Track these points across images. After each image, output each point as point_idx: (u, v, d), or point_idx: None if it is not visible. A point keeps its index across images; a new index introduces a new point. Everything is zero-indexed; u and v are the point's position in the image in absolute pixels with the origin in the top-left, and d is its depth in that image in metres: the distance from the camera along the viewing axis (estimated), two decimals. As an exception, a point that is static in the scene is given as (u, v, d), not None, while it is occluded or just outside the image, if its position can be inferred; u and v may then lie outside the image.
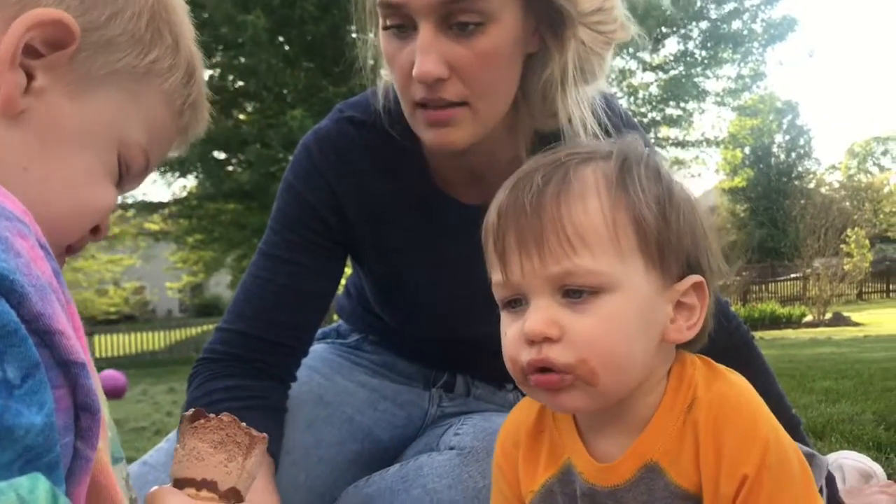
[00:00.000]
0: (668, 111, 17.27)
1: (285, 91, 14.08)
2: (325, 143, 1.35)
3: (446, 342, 1.46)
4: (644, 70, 17.65)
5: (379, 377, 1.52)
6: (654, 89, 17.36)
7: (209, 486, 0.67)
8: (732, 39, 17.36)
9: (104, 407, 0.62)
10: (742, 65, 18.10)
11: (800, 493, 0.81)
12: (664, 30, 16.92)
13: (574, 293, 0.82)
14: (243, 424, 0.69)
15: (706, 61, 17.63)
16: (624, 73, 16.70)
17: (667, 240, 0.84)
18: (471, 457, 1.23)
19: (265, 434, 0.71)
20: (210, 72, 15.37)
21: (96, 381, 0.58)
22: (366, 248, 1.38)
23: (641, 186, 0.85)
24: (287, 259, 1.32)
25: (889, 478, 1.99)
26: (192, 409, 0.70)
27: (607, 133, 1.23)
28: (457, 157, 1.25)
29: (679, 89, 17.00)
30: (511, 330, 0.86)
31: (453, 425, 1.35)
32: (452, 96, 1.11)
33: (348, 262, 1.45)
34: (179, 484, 0.68)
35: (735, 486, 0.80)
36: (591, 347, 0.81)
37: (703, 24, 17.34)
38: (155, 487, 0.68)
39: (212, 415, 0.69)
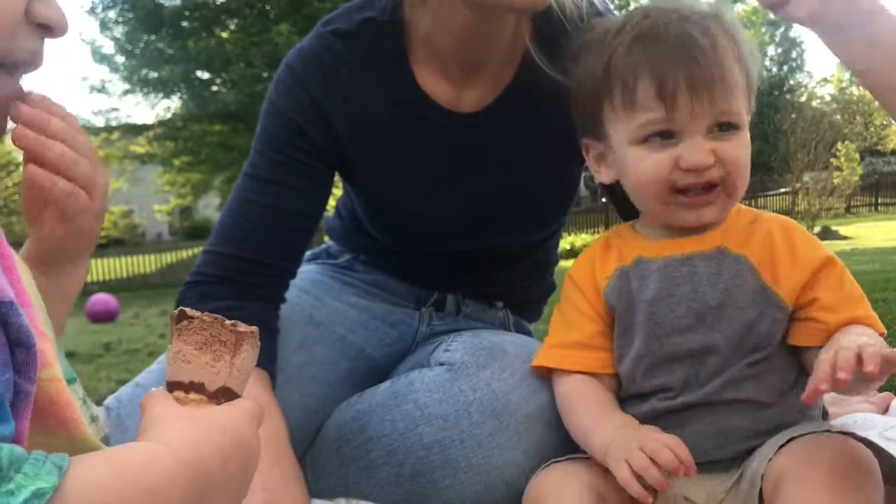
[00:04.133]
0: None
1: (268, 7, 13.75)
2: (309, 59, 1.32)
3: (439, 257, 1.47)
4: (635, -18, 17.25)
5: (370, 297, 1.53)
6: (645, 2, 16.99)
7: (197, 388, 0.67)
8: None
9: (46, 336, 0.62)
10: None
11: (853, 284, 1.08)
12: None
13: (726, 127, 1.06)
14: (228, 322, 0.68)
15: (698, -28, 17.16)
16: (614, -15, 16.34)
17: (753, 88, 1.12)
18: (461, 371, 1.25)
19: (254, 328, 0.70)
20: (190, -12, 14.99)
21: (34, 313, 0.59)
22: (356, 163, 1.37)
23: (742, 41, 1.10)
24: (272, 180, 1.31)
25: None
26: (177, 310, 0.69)
27: (597, 11, 1.30)
28: (472, 45, 1.26)
29: None
30: (659, 156, 1.06)
31: (443, 342, 1.37)
32: None
33: (338, 182, 1.45)
34: (169, 387, 0.68)
35: (807, 271, 1.06)
36: (736, 167, 1.06)
37: (696, -67, 16.83)
38: (149, 392, 0.68)
39: (196, 314, 0.68)
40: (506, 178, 1.37)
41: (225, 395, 0.68)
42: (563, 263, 1.69)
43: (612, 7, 1.40)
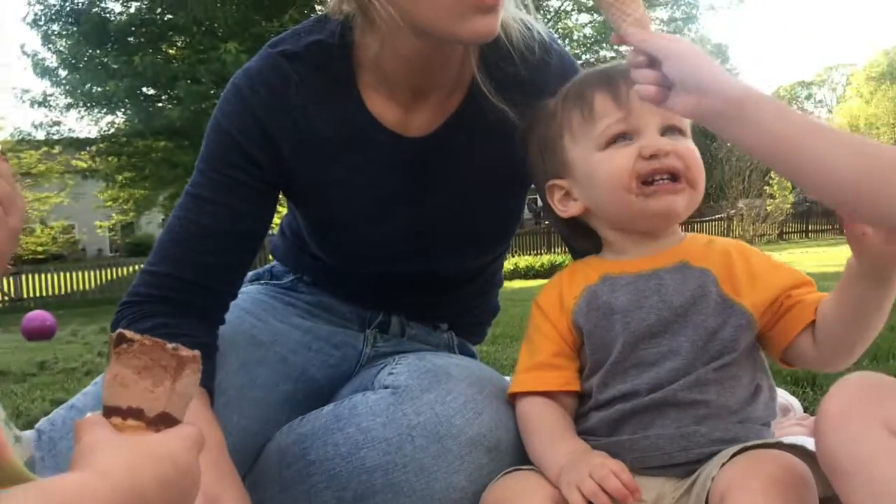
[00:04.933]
0: (602, 53, 17.30)
1: (216, 25, 13.63)
2: (256, 79, 1.32)
3: (385, 279, 1.46)
4: (579, 11, 17.60)
5: (313, 318, 1.52)
6: (588, 31, 17.34)
7: (135, 413, 0.65)
8: (667, -18, 17.38)
9: None
10: (675, 7, 18.19)
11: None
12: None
13: (675, 131, 1.18)
14: (170, 346, 0.67)
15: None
16: (559, 14, 16.64)
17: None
18: (405, 395, 1.24)
19: (196, 352, 0.68)
20: (137, 3, 14.79)
21: None
22: (302, 184, 1.36)
23: None
24: (214, 199, 1.29)
25: (805, 411, 2.09)
26: (116, 332, 0.66)
27: (544, 51, 1.33)
28: (420, 71, 1.28)
29: (612, 32, 16.95)
30: (625, 151, 1.17)
31: (388, 365, 1.36)
32: None
33: (282, 201, 1.44)
34: (106, 413, 0.65)
35: (773, 292, 1.15)
36: (692, 160, 1.17)
37: (640, -35, 17.21)
38: (84, 416, 0.65)
39: (137, 336, 0.66)
40: (452, 202, 1.38)
41: (164, 421, 0.66)
42: (508, 284, 1.70)
43: (556, 37, 1.43)
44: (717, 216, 20.58)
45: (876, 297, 1.05)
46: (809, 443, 1.54)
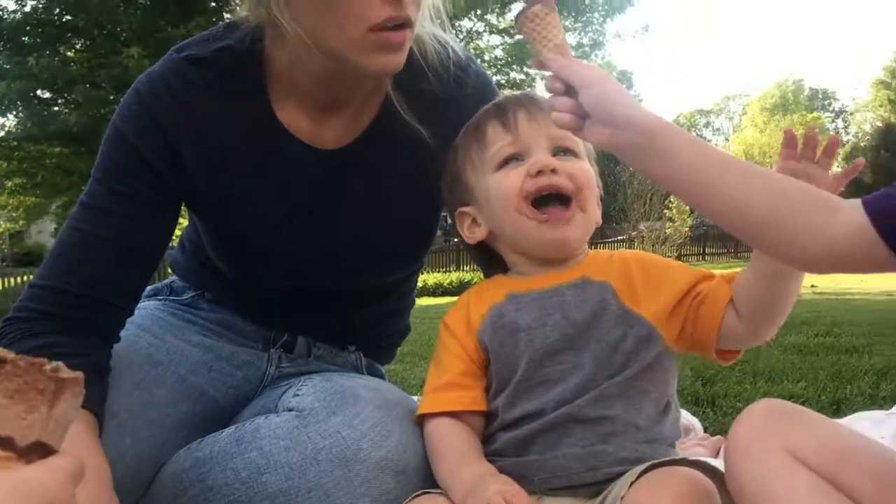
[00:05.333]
0: (513, 75, 17.60)
1: (119, 29, 13.21)
2: (158, 84, 1.26)
3: (292, 296, 1.42)
4: (490, 33, 17.87)
5: (215, 336, 1.46)
6: (499, 52, 17.63)
7: (5, 443, 0.59)
8: (575, 8, 17.87)
9: None
10: (583, 33, 18.69)
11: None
12: (511, -7, 17.13)
13: (567, 152, 1.21)
14: (48, 367, 0.61)
15: (550, 27, 17.98)
16: (471, 35, 16.86)
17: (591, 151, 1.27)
18: (310, 417, 1.20)
19: (78, 374, 0.63)
20: (33, 2, 14.19)
21: None
22: (207, 195, 1.31)
23: None
24: (110, 210, 1.23)
25: (705, 431, 2.14)
26: None
27: (459, 68, 1.34)
28: (331, 88, 1.26)
29: (523, 54, 17.32)
30: (515, 171, 1.20)
31: (293, 386, 1.32)
32: (410, 14, 1.16)
33: (183, 213, 1.38)
34: None
35: (674, 296, 1.16)
36: (583, 180, 1.20)
37: (549, -9, 17.64)
38: None
39: (10, 356, 0.60)
40: (365, 217, 1.36)
41: (38, 451, 0.60)
42: (416, 302, 1.68)
43: (473, 56, 1.42)
44: (618, 238, 21.21)
45: None
46: (714, 463, 1.58)
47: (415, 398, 1.44)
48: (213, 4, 12.94)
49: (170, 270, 1.60)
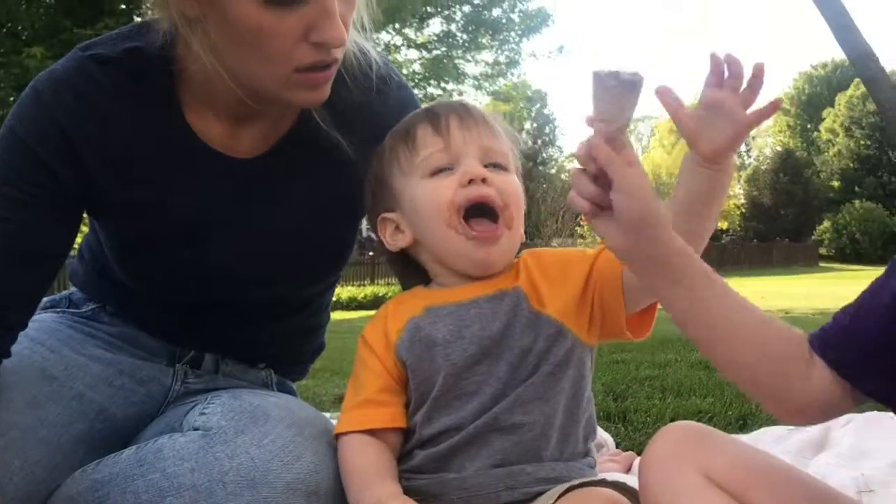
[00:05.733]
0: (430, 90, 17.71)
1: (21, 28, 12.68)
2: (61, 84, 1.20)
3: (199, 309, 1.36)
4: (409, 47, 17.96)
5: (116, 351, 1.39)
6: (416, 67, 17.72)
7: None
8: (492, 26, 18.15)
9: None
10: (499, 52, 18.98)
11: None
12: (429, 9, 17.29)
13: (497, 166, 1.20)
14: None
15: (467, 45, 18.31)
16: (389, 49, 16.88)
17: (518, 166, 1.27)
18: (217, 437, 1.15)
19: None
20: (-73, -3, 13.49)
21: None
22: (112, 202, 1.25)
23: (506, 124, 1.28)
24: (5, 216, 1.17)
25: (617, 446, 2.16)
26: None
27: (381, 79, 1.32)
28: (247, 104, 1.20)
29: (441, 69, 17.49)
30: (447, 181, 1.17)
31: (199, 403, 1.26)
32: (339, 56, 1.15)
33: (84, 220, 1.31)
34: None
35: (576, 289, 1.17)
36: (512, 197, 1.19)
37: (466, 8, 17.96)
38: None
39: None
40: (280, 227, 1.31)
41: None
42: (333, 315, 1.64)
43: (394, 68, 1.40)
44: (531, 253, 21.61)
45: (711, 188, 1.06)
46: (627, 479, 1.60)
47: (327, 415, 1.41)
48: (123, 6, 12.56)
49: (70, 281, 1.51)
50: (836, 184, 41.85)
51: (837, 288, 13.96)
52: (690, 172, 1.05)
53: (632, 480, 1.76)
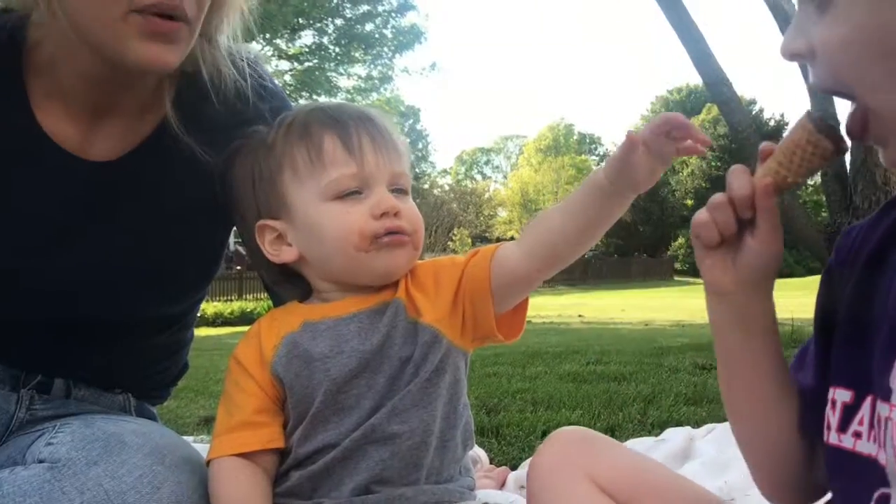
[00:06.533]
0: (302, 102, 17.53)
1: None
2: None
3: (46, 329, 1.25)
4: (279, 58, 17.72)
5: (-50, 375, 1.25)
6: (288, 78, 17.51)
7: None
8: (365, 40, 18.19)
9: None
10: (372, 66, 19.04)
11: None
12: (301, 21, 17.15)
13: (399, 191, 1.17)
14: None
15: (339, 58, 18.27)
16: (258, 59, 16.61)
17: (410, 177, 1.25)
18: (66, 469, 1.05)
19: None
20: None
21: None
22: None
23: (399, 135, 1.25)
24: None
25: (491, 461, 2.16)
26: None
27: (258, 95, 1.26)
28: (99, 88, 1.13)
29: (313, 82, 17.36)
30: (359, 209, 1.13)
31: (46, 432, 1.16)
32: (187, 8, 1.05)
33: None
34: None
35: (449, 295, 1.17)
36: (418, 223, 1.19)
37: (339, 22, 17.92)
38: None
39: None
40: (139, 239, 1.23)
41: None
42: (197, 332, 1.55)
43: (275, 81, 1.34)
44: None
45: (611, 209, 1.09)
46: (501, 495, 1.60)
47: (191, 439, 1.32)
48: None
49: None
50: (689, 202, 44.16)
51: (692, 301, 14.74)
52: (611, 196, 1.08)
53: (505, 497, 1.77)
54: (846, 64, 0.73)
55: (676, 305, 15.06)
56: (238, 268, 19.12)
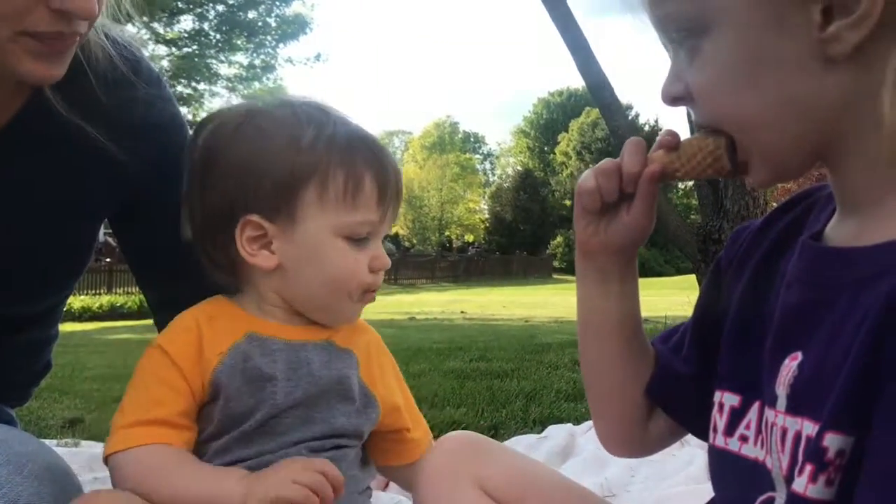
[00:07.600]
0: (180, 89, 16.98)
1: None
2: None
3: None
4: (157, 42, 17.09)
5: None
6: (165, 63, 16.92)
7: None
8: (247, 28, 17.80)
9: None
10: (255, 55, 18.65)
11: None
12: (181, 5, 16.61)
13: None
14: None
15: (220, 45, 17.83)
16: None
17: None
18: None
19: None
20: None
21: None
22: None
23: None
24: None
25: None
26: None
27: (129, 66, 1.18)
28: None
29: (192, 68, 16.84)
30: (360, 258, 1.11)
31: None
32: (82, 29, 1.01)
33: None
34: None
35: (396, 398, 1.20)
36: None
37: (220, 8, 17.47)
38: None
39: None
40: (1, 230, 1.12)
41: None
42: (61, 327, 1.44)
43: (148, 61, 1.26)
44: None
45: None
46: (388, 498, 1.58)
47: (53, 443, 1.22)
48: None
49: None
50: (568, 203, 45.48)
51: (570, 297, 15.14)
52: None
53: (390, 497, 1.74)
54: (717, 104, 0.77)
55: (555, 302, 15.46)
56: (108, 260, 18.24)
